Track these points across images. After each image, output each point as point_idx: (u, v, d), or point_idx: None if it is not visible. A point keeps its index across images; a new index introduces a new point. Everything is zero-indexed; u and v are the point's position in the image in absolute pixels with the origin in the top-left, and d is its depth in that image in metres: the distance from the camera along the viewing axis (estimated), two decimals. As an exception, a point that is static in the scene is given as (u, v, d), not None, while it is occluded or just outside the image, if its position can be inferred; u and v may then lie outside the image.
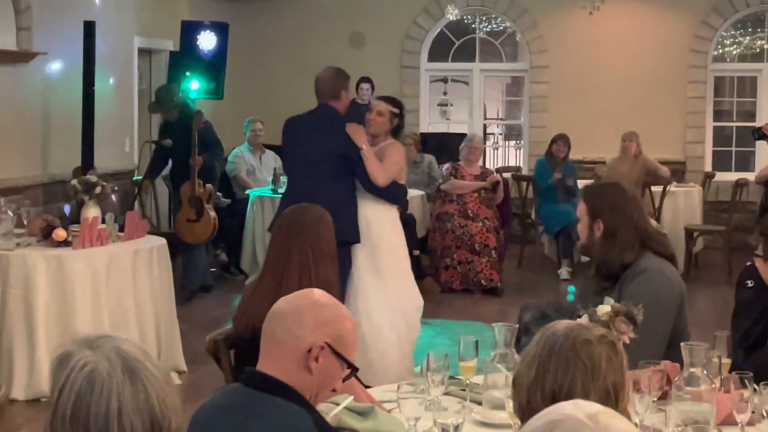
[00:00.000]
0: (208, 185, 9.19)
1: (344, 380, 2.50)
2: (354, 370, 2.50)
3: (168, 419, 1.66)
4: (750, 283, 4.37)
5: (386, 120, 6.45)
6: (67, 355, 1.65)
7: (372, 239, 6.29)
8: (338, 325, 2.47)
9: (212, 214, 9.14)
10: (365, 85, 11.62)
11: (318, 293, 2.55)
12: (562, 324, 2.24)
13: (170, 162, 9.73)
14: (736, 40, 12.78)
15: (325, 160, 6.34)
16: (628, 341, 3.09)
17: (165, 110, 9.52)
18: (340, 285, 6.28)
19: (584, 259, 9.53)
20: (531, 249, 10.93)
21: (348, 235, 6.12)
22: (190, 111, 9.33)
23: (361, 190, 6.34)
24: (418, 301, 6.43)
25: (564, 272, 10.35)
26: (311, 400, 2.45)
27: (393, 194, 6.40)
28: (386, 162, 6.30)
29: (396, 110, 6.46)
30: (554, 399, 2.04)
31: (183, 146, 9.06)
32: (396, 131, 6.51)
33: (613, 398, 2.14)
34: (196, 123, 9.01)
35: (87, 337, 1.66)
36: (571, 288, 3.94)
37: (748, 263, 4.41)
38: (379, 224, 6.35)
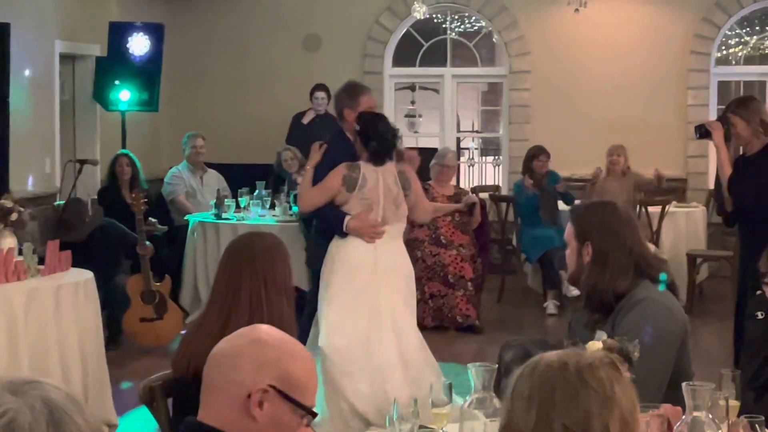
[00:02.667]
0: (167, 277, 8.84)
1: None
2: (312, 415, 2.47)
3: None
4: (760, 315, 4.40)
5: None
6: (-16, 398, 1.63)
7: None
8: (285, 365, 2.45)
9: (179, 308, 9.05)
10: (320, 94, 11.58)
11: (262, 330, 2.54)
12: (550, 354, 2.21)
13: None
14: (742, 40, 12.92)
15: None
16: (622, 382, 3.11)
17: (74, 234, 8.69)
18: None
19: (574, 292, 9.60)
20: (513, 280, 10.97)
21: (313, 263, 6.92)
22: (106, 225, 9.01)
23: None
24: (324, 338, 6.46)
25: (551, 306, 10.39)
26: None
27: (324, 219, 6.72)
28: (316, 185, 6.61)
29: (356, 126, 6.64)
30: None
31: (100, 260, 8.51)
32: (369, 150, 6.57)
33: (631, 427, 2.14)
34: (135, 199, 8.53)
35: (12, 380, 1.65)
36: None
37: (758, 292, 4.46)
38: (329, 251, 6.62)
